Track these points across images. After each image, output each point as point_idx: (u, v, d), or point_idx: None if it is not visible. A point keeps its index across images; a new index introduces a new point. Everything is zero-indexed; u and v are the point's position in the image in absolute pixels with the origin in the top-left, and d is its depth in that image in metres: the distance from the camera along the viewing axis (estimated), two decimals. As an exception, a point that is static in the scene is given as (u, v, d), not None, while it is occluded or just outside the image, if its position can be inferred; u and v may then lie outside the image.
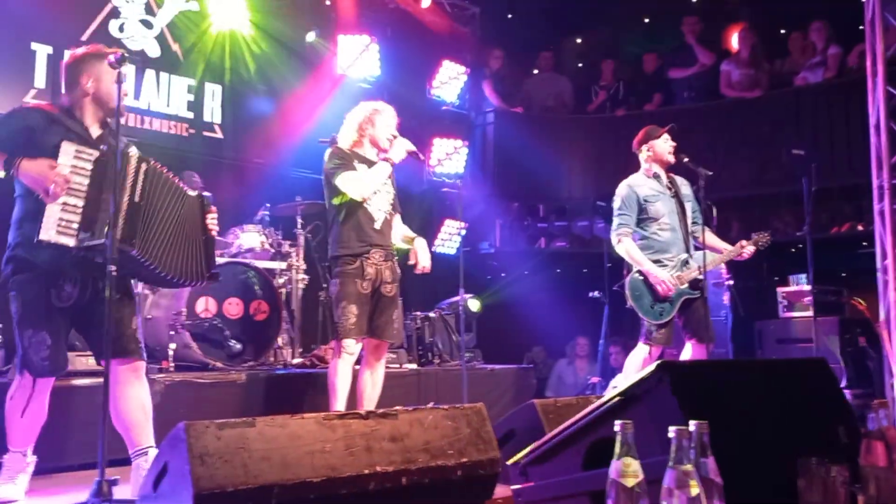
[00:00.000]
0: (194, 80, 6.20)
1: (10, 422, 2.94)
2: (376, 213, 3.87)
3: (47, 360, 2.84)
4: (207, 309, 4.49)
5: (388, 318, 3.85)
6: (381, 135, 3.89)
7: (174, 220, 3.01)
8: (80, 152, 2.83)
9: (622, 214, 4.37)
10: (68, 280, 2.85)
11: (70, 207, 2.77)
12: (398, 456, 2.68)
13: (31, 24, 5.37)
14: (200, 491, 2.23)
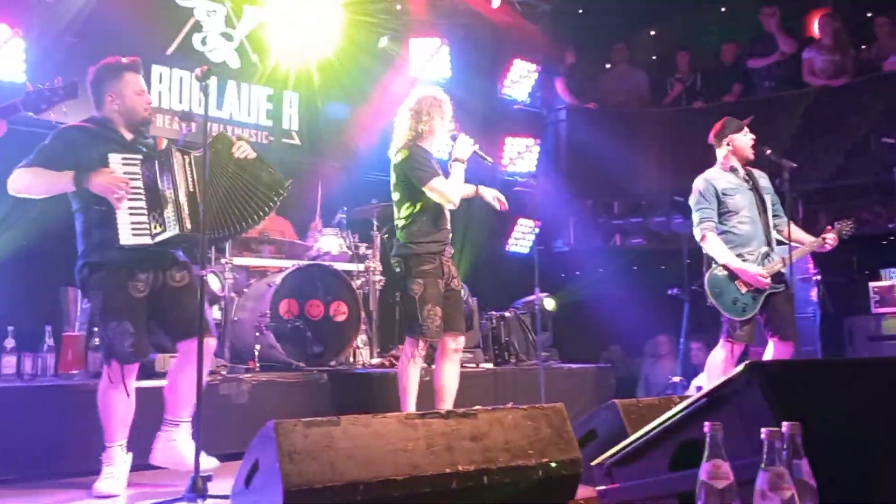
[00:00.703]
0: (273, 89, 6.39)
1: (105, 415, 3.12)
2: (447, 211, 3.92)
3: (132, 346, 3.06)
4: (290, 311, 4.62)
5: (459, 310, 3.92)
6: (444, 128, 3.91)
7: (221, 185, 3.17)
8: (126, 160, 3.05)
9: (702, 209, 4.27)
10: (141, 271, 3.08)
11: (136, 210, 3.01)
12: (479, 455, 2.70)
13: (121, 41, 5.62)
14: (290, 487, 2.31)
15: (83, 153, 3.05)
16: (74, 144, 3.07)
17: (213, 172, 3.12)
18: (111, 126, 3.18)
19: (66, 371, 4.05)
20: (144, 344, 3.14)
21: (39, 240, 4.83)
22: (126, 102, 3.15)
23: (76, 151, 3.06)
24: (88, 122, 3.21)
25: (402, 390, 3.79)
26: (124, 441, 3.15)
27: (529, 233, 7.69)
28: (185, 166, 3.08)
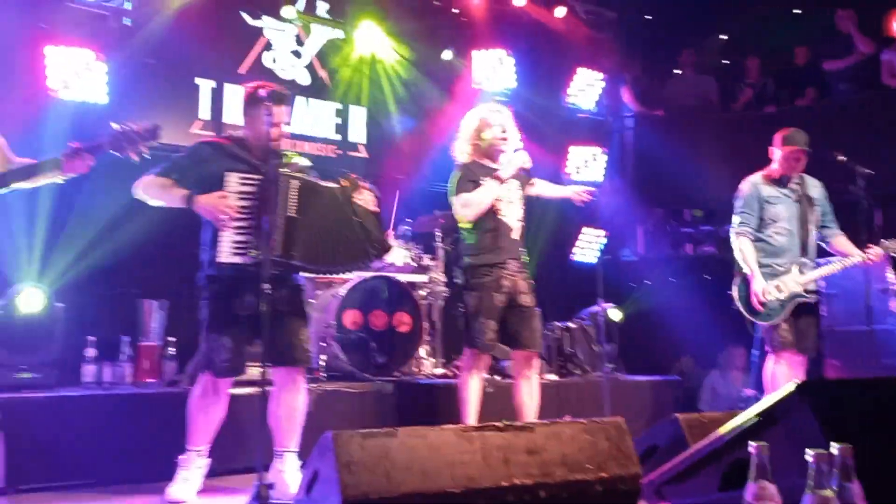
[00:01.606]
0: (341, 104, 6.54)
1: (191, 419, 3.25)
2: (513, 223, 3.89)
3: (227, 362, 3.17)
4: (354, 321, 4.71)
5: (532, 328, 3.85)
6: (492, 145, 3.89)
7: (328, 219, 3.25)
8: (244, 179, 3.14)
9: (743, 213, 4.31)
10: (248, 291, 3.13)
11: (241, 229, 3.10)
12: (536, 469, 2.69)
13: (196, 61, 5.88)
14: (348, 497, 2.35)
15: (207, 169, 3.20)
16: (202, 161, 3.24)
17: (328, 207, 3.23)
18: (245, 146, 3.32)
19: (141, 380, 4.24)
20: (240, 362, 3.24)
21: (118, 255, 5.08)
22: (257, 130, 3.26)
23: (202, 167, 3.21)
24: (227, 139, 3.41)
25: (461, 402, 3.82)
26: (203, 447, 3.27)
27: (595, 242, 7.58)
28: (294, 191, 3.16)
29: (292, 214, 3.14)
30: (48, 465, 3.47)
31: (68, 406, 3.64)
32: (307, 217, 3.18)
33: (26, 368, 3.88)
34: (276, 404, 3.28)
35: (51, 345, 4.03)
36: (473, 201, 3.77)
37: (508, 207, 3.89)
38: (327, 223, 3.25)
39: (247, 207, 3.12)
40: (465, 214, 3.79)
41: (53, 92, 5.00)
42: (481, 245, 3.82)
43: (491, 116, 3.91)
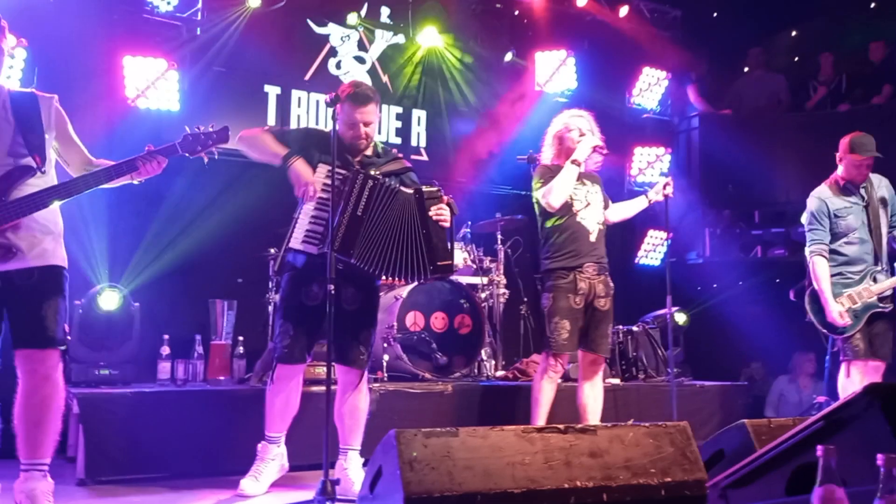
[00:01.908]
0: (402, 107, 6.62)
1: (265, 406, 3.37)
2: (591, 226, 3.90)
3: (286, 348, 3.26)
4: (416, 323, 4.76)
5: (602, 333, 3.87)
6: (567, 137, 3.95)
7: (393, 225, 3.24)
8: (330, 172, 3.17)
9: (814, 230, 4.20)
10: (315, 282, 3.22)
11: (316, 220, 3.18)
12: (598, 472, 2.67)
13: (264, 69, 6.05)
14: (410, 495, 2.39)
15: (310, 149, 3.30)
16: (308, 142, 3.34)
17: (397, 213, 3.24)
18: (342, 142, 3.37)
19: (213, 377, 4.38)
20: (298, 351, 3.29)
21: (190, 257, 5.27)
22: (340, 128, 3.33)
23: (307, 145, 3.31)
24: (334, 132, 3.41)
25: (533, 402, 3.84)
26: (276, 435, 3.36)
27: (660, 245, 7.48)
28: (366, 191, 3.20)
29: (359, 213, 3.18)
30: (125, 458, 3.62)
31: (144, 402, 3.78)
32: (373, 218, 3.21)
33: (105, 365, 4.06)
34: (339, 403, 3.36)
35: (128, 343, 4.22)
36: (555, 186, 3.80)
37: (587, 210, 3.91)
38: (392, 229, 3.25)
39: (325, 199, 3.16)
40: (552, 201, 3.80)
41: (131, 101, 5.22)
42: (559, 248, 3.85)
43: (571, 121, 3.97)
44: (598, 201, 3.98)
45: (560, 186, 3.80)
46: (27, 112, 2.78)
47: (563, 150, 3.94)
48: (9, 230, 2.66)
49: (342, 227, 3.14)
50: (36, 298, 2.71)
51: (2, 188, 2.67)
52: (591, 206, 3.92)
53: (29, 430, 2.68)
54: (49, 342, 2.71)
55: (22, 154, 2.73)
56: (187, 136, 2.94)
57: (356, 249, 3.18)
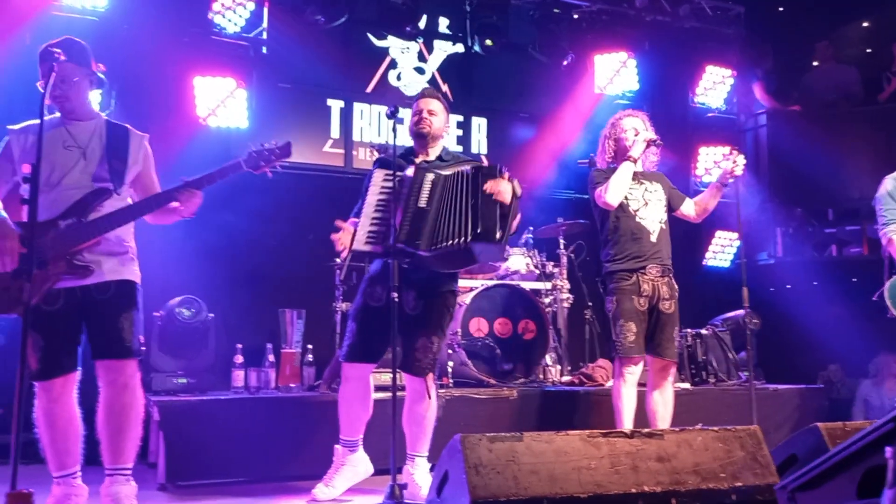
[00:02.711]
0: (462, 115, 6.68)
1: (339, 410, 3.42)
2: (651, 226, 3.81)
3: (349, 347, 3.34)
4: (480, 329, 4.79)
5: (668, 336, 3.77)
6: (622, 137, 3.89)
7: (449, 205, 3.23)
8: (388, 176, 3.27)
9: (889, 209, 4.14)
10: (380, 284, 3.31)
11: (377, 221, 3.24)
12: (666, 477, 2.65)
13: (328, 84, 6.21)
14: (477, 499, 2.42)
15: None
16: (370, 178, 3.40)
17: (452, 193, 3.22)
18: (411, 150, 3.56)
19: (284, 384, 4.50)
20: (361, 350, 3.35)
21: (261, 266, 5.44)
22: (409, 127, 3.55)
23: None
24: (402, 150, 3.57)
25: (615, 411, 3.77)
26: (349, 438, 3.40)
27: (729, 245, 7.33)
28: (427, 183, 3.27)
29: (422, 206, 3.23)
30: (203, 463, 3.75)
31: (220, 409, 3.92)
32: (434, 208, 3.24)
33: (183, 374, 4.23)
34: (405, 409, 3.39)
35: (204, 352, 4.38)
36: (611, 184, 3.73)
37: (645, 209, 3.82)
38: (448, 209, 3.24)
39: (384, 200, 3.24)
40: (609, 199, 3.73)
41: (202, 119, 5.43)
42: (620, 250, 3.79)
43: (625, 121, 3.93)
44: (657, 200, 3.87)
45: (616, 184, 3.73)
46: (118, 143, 2.97)
47: (619, 150, 3.89)
48: (86, 249, 2.81)
49: (408, 220, 3.20)
50: (113, 312, 2.86)
51: (82, 209, 2.83)
52: (650, 206, 3.83)
53: (111, 436, 2.83)
54: (126, 353, 2.85)
55: (103, 178, 2.90)
56: (251, 152, 3.04)
57: (422, 240, 3.19)
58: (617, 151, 3.90)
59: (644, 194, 3.85)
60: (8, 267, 2.71)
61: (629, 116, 3.96)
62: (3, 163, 2.91)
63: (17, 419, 2.34)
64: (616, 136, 3.91)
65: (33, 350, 2.76)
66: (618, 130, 3.92)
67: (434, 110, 3.51)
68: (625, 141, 3.88)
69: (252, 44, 5.71)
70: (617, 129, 3.92)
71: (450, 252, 3.18)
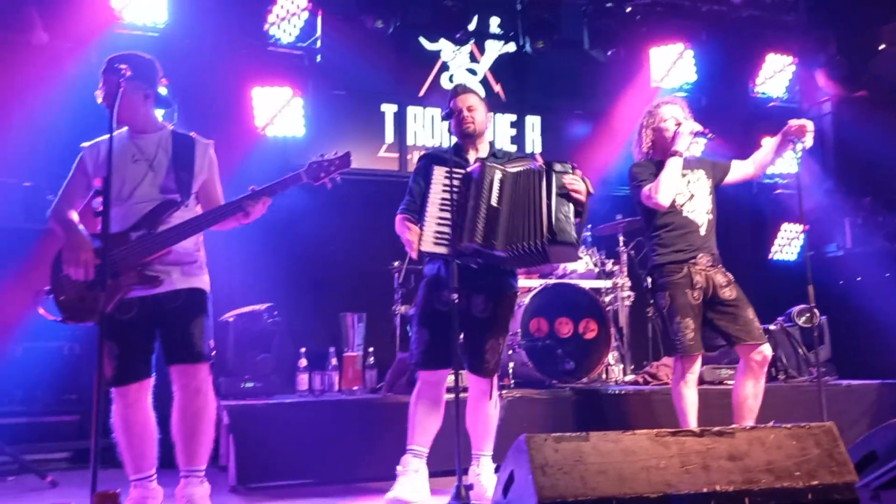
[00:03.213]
0: (515, 115, 6.66)
1: (409, 417, 3.38)
2: (700, 219, 3.66)
3: (423, 354, 3.29)
4: (539, 329, 4.76)
5: (747, 319, 3.56)
6: (662, 127, 3.68)
7: (520, 203, 3.17)
8: (448, 173, 3.22)
9: None
10: (445, 286, 3.25)
11: (443, 221, 3.18)
12: (738, 476, 2.59)
13: (381, 89, 6.28)
14: (544, 499, 2.41)
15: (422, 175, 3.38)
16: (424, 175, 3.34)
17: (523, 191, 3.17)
18: (459, 149, 3.45)
19: (348, 387, 4.57)
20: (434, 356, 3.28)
21: (321, 270, 5.52)
22: (451, 126, 3.47)
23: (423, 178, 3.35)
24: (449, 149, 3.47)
25: (678, 413, 3.61)
26: (416, 448, 3.33)
27: (795, 238, 7.12)
28: (496, 181, 3.18)
29: (494, 204, 3.15)
30: (273, 466, 3.83)
31: (287, 412, 3.99)
32: (506, 206, 3.17)
33: (249, 378, 4.33)
34: (470, 410, 3.39)
35: (270, 356, 4.47)
36: (661, 183, 3.53)
37: (692, 202, 3.67)
38: (519, 207, 3.17)
39: (448, 199, 3.17)
40: (660, 200, 3.54)
41: (261, 129, 5.55)
42: (667, 244, 3.63)
43: (665, 110, 3.73)
44: (702, 190, 3.69)
45: (666, 183, 3.55)
46: (183, 153, 3.05)
47: (659, 141, 3.70)
48: (157, 260, 2.90)
49: (481, 219, 3.11)
50: (184, 318, 2.94)
51: (151, 221, 2.92)
52: (696, 198, 3.67)
53: (186, 439, 2.91)
54: (198, 357, 2.93)
55: (171, 190, 2.98)
56: (312, 164, 3.08)
57: (498, 239, 3.12)
58: (656, 142, 3.72)
59: (689, 186, 3.68)
60: (85, 277, 2.81)
61: (668, 104, 3.76)
62: (79, 177, 3.02)
63: (96, 424, 2.42)
64: (655, 125, 3.72)
65: (109, 358, 2.85)
66: (657, 120, 3.72)
67: (473, 105, 3.45)
68: (665, 132, 3.68)
69: (307, 53, 5.81)
70: (656, 119, 3.72)
71: (525, 253, 3.15)
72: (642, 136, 3.78)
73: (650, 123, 3.75)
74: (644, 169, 3.69)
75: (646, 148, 3.76)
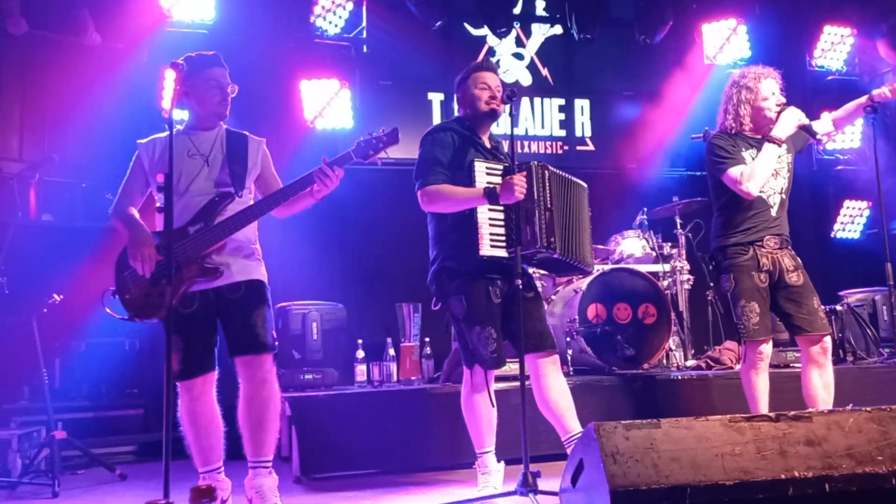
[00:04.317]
0: (564, 99, 6.55)
1: (471, 421, 3.25)
2: (772, 198, 3.46)
3: (495, 352, 3.16)
4: (598, 315, 4.68)
5: (810, 309, 3.38)
6: (762, 106, 3.43)
7: (576, 214, 3.28)
8: (489, 169, 3.16)
9: None
10: (498, 279, 3.17)
11: (496, 222, 3.12)
12: (817, 461, 2.50)
13: (428, 77, 6.23)
14: (616, 488, 2.35)
15: (457, 156, 3.22)
16: (453, 149, 3.23)
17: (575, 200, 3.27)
18: (471, 127, 3.33)
19: (406, 377, 4.56)
20: (503, 349, 3.22)
21: (376, 262, 5.52)
22: (468, 100, 3.32)
23: (454, 155, 3.22)
24: (457, 121, 3.37)
25: (748, 399, 3.47)
26: (493, 447, 3.27)
27: (859, 215, 6.89)
28: (544, 182, 3.14)
29: (549, 206, 3.11)
30: (335, 456, 3.85)
31: (348, 403, 4.01)
32: (559, 208, 3.17)
33: (308, 370, 4.35)
34: (544, 392, 3.20)
35: (328, 348, 4.48)
36: (756, 172, 3.33)
37: (770, 181, 3.45)
38: (574, 217, 3.26)
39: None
40: (751, 190, 3.34)
41: (310, 122, 5.56)
42: (733, 224, 3.45)
43: (764, 84, 3.46)
44: (783, 166, 3.49)
45: (761, 172, 3.34)
46: (237, 149, 3.08)
47: (757, 119, 3.45)
48: (214, 252, 2.91)
49: (541, 220, 3.06)
50: (245, 310, 2.96)
51: (208, 214, 2.94)
52: (774, 176, 3.46)
53: (252, 430, 2.92)
54: (262, 347, 2.94)
55: (225, 183, 3.01)
56: (360, 142, 3.05)
57: (556, 243, 3.11)
58: (753, 119, 3.45)
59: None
60: (147, 273, 2.84)
61: (767, 77, 3.48)
62: (137, 174, 3.06)
63: (167, 418, 2.45)
64: (754, 102, 3.44)
65: (174, 351, 2.87)
66: (756, 96, 3.44)
67: (501, 87, 3.32)
68: (766, 111, 3.43)
69: (353, 43, 5.81)
70: (755, 95, 3.44)
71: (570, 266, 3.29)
72: (739, 111, 3.48)
73: (749, 99, 3.46)
74: (729, 145, 3.44)
75: (738, 121, 3.49)
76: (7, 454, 4.00)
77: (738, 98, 3.49)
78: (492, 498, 3.00)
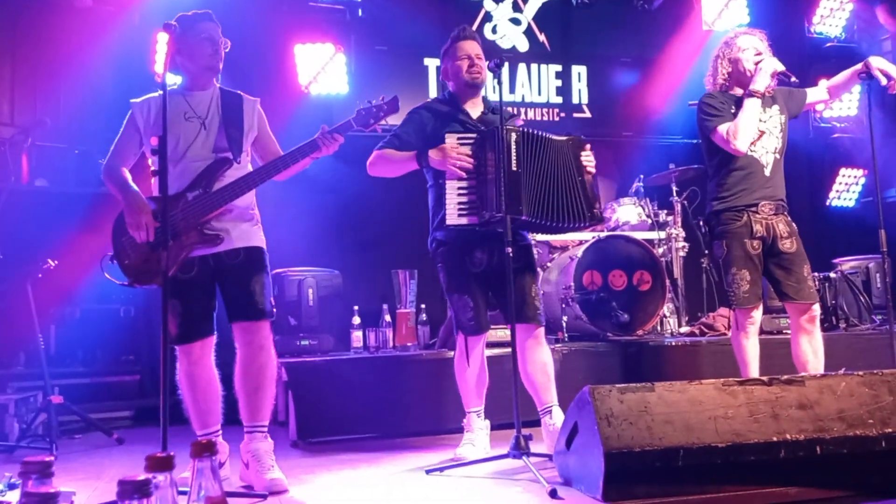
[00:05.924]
0: (560, 65, 6.49)
1: (459, 384, 3.40)
2: (765, 158, 3.43)
3: (472, 320, 3.27)
4: (593, 282, 4.69)
5: (800, 277, 3.40)
6: (738, 58, 3.46)
7: (551, 174, 3.19)
8: (461, 139, 3.19)
9: None
10: (477, 249, 3.25)
11: (463, 191, 3.16)
12: (809, 424, 2.54)
13: (424, 43, 6.15)
14: (610, 450, 2.38)
15: (428, 132, 3.31)
16: (421, 125, 3.35)
17: (552, 159, 3.18)
18: (456, 101, 3.39)
19: (402, 343, 4.58)
20: (483, 319, 3.31)
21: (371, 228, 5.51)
22: (450, 73, 3.39)
23: (422, 131, 3.33)
24: (438, 100, 3.46)
25: (740, 363, 3.50)
26: (480, 408, 3.38)
27: (854, 183, 6.89)
28: (513, 144, 3.12)
29: (514, 168, 3.09)
30: (331, 421, 3.88)
31: (344, 368, 4.04)
32: (530, 169, 3.13)
33: (304, 336, 4.37)
34: (525, 364, 3.29)
35: (324, 314, 4.50)
36: (740, 127, 3.34)
37: (762, 140, 3.43)
38: (550, 177, 3.17)
39: (466, 169, 3.13)
40: (739, 146, 3.35)
41: (304, 87, 5.50)
42: (728, 187, 3.44)
43: (743, 40, 3.49)
44: (774, 126, 3.48)
45: (745, 127, 3.35)
46: (233, 111, 3.04)
47: (735, 73, 3.48)
48: (214, 218, 2.90)
49: (503, 187, 3.02)
50: (244, 276, 2.95)
51: (206, 181, 2.92)
52: (766, 136, 3.45)
53: (249, 395, 2.94)
54: (261, 314, 2.94)
55: (223, 149, 2.97)
56: (360, 111, 3.05)
57: (524, 206, 3.08)
58: (732, 74, 3.49)
59: (761, 124, 3.45)
60: (144, 239, 2.83)
61: (746, 35, 3.53)
62: (130, 133, 3.02)
63: (164, 382, 2.46)
64: (732, 56, 3.48)
65: (173, 316, 2.87)
66: (734, 50, 3.48)
67: (481, 54, 3.35)
68: (743, 63, 3.45)
69: (348, 7, 5.73)
70: (733, 49, 3.48)
71: (543, 226, 3.23)
72: (717, 67, 3.53)
73: (727, 54, 3.51)
74: (718, 102, 3.46)
75: (721, 79, 3.53)
76: (4, 418, 4.02)
77: (718, 54, 3.55)
78: (486, 461, 3.03)
